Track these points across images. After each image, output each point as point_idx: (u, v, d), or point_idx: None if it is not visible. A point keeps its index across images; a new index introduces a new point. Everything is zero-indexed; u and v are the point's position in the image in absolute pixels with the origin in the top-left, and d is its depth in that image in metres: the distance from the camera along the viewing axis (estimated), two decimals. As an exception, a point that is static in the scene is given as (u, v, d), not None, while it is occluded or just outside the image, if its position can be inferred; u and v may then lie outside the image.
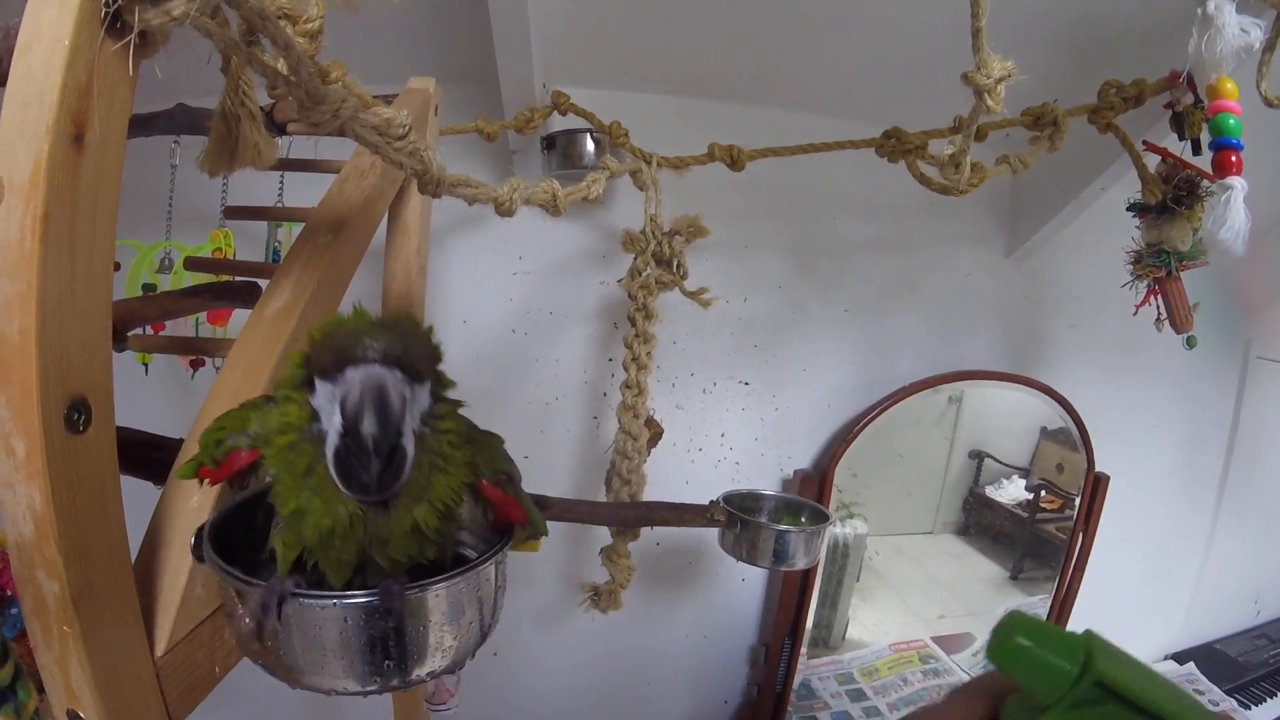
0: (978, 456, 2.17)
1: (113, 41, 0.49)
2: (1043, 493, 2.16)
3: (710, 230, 1.64)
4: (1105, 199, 1.83)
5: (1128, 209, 1.53)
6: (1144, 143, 1.47)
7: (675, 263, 1.68)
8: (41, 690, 0.57)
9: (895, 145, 1.43)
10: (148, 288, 1.49)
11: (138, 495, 0.75)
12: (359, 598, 0.57)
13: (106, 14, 0.48)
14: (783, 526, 1.33)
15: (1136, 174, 1.45)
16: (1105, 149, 1.60)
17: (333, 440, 0.53)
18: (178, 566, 0.69)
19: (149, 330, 1.29)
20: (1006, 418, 2.15)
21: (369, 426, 0.50)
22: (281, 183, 1.45)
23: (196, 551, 0.64)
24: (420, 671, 0.62)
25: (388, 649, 0.59)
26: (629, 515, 1.37)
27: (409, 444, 0.54)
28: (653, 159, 1.61)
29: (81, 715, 0.57)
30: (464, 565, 0.63)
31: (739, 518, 1.34)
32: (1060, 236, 2.05)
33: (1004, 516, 2.18)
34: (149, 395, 1.55)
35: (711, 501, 1.41)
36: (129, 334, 0.96)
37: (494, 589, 0.69)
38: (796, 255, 2.06)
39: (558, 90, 1.67)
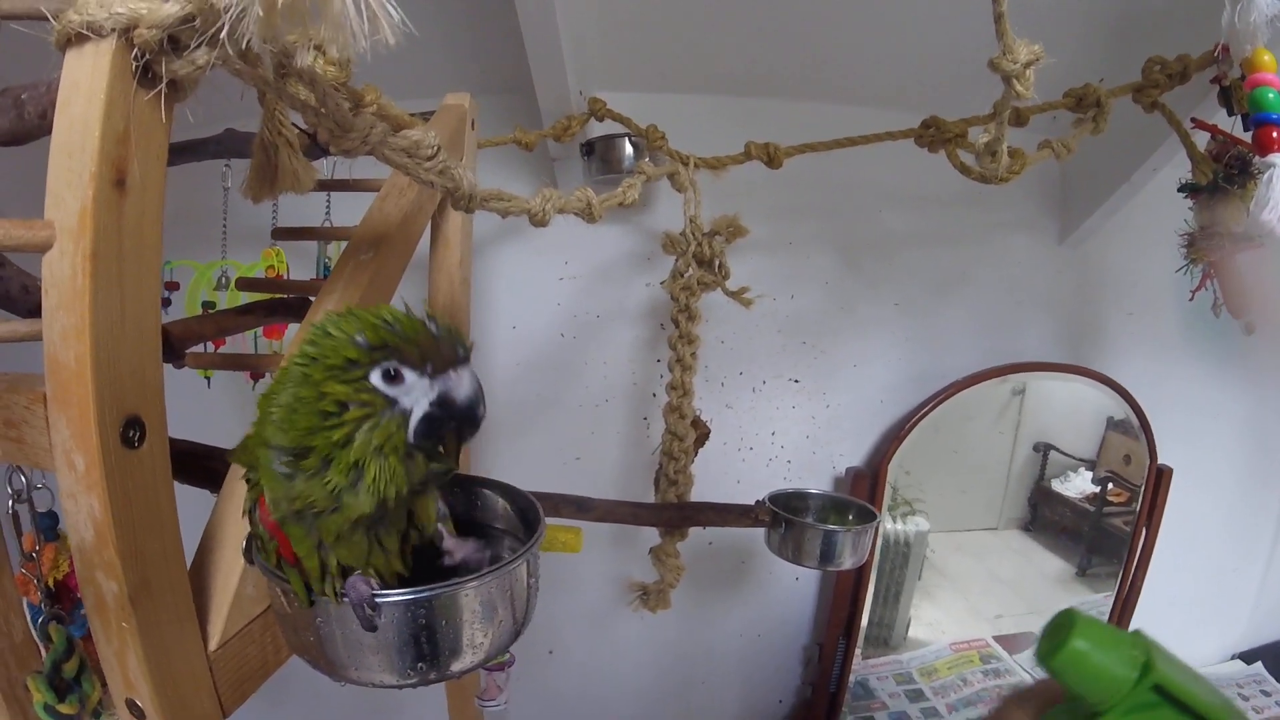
0: (1043, 449, 2.10)
1: (145, 91, 0.54)
2: (1110, 485, 2.08)
3: (750, 230, 1.65)
4: (1157, 180, 1.76)
5: (1179, 190, 1.47)
6: (1192, 120, 1.41)
7: (716, 263, 1.68)
8: (104, 683, 0.62)
9: (934, 134, 1.41)
10: (207, 305, 1.59)
11: (197, 501, 0.82)
12: (401, 595, 0.62)
13: (137, 66, 0.52)
14: (828, 526, 1.32)
15: (1186, 153, 1.39)
16: (1154, 129, 1.53)
17: (420, 414, 0.61)
18: (230, 568, 0.74)
19: (210, 347, 1.37)
20: (1071, 409, 2.07)
21: (483, 407, 0.64)
22: (329, 200, 1.52)
23: (247, 554, 0.70)
24: (455, 667, 0.67)
25: (420, 646, 0.64)
26: (673, 517, 1.38)
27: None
28: (690, 160, 1.62)
29: (139, 704, 0.62)
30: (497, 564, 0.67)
31: (784, 518, 1.34)
32: (1113, 221, 1.97)
33: (1070, 511, 2.11)
34: (211, 406, 1.63)
35: (757, 501, 1.41)
36: (187, 351, 1.03)
37: (525, 587, 0.72)
38: (842, 250, 2.03)
39: (594, 97, 1.70)
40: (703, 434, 1.71)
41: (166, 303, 1.86)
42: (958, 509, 2.09)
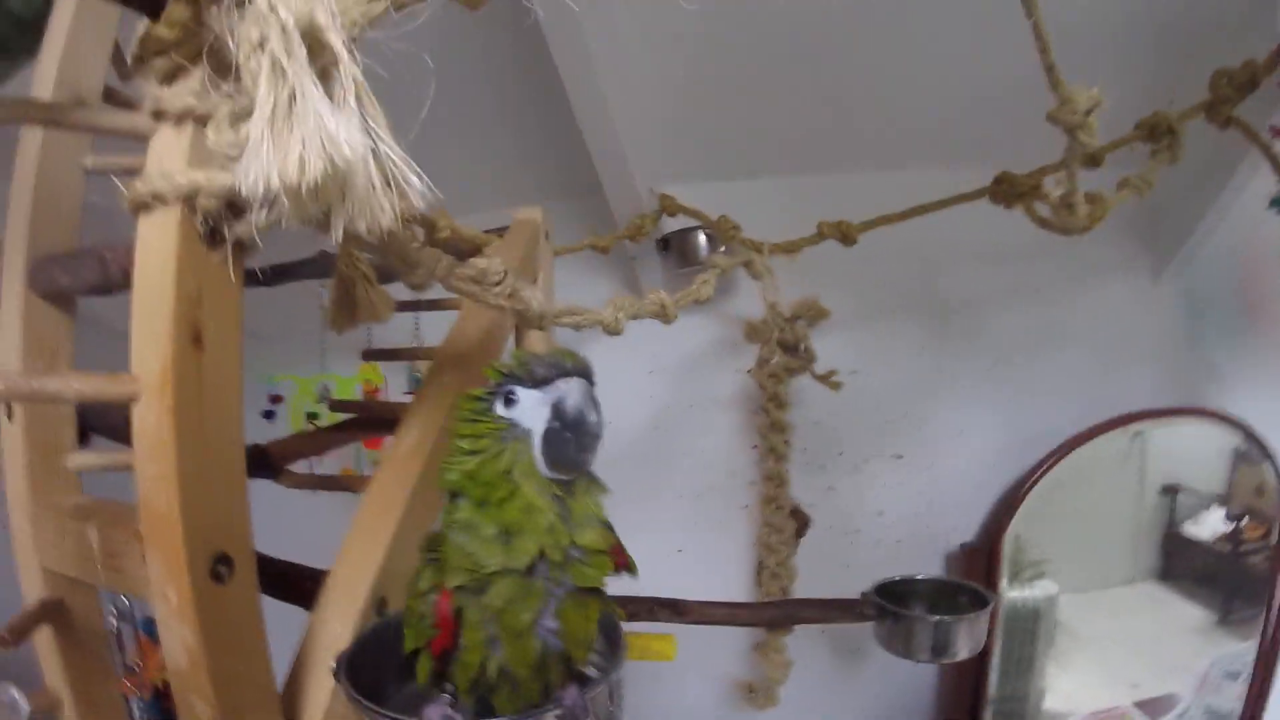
0: (1171, 491, 1.92)
1: (214, 252, 0.59)
2: (1245, 520, 1.87)
3: (830, 310, 1.62)
4: (1245, 200, 1.63)
5: (1270, 206, 1.38)
6: (1271, 129, 1.33)
7: (801, 347, 1.66)
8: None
9: (1007, 190, 1.36)
10: (310, 416, 1.69)
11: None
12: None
13: (204, 230, 0.57)
14: (939, 617, 1.22)
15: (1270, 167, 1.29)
16: (1232, 145, 1.43)
17: (541, 430, 0.63)
18: (322, 686, 0.76)
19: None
20: (1195, 445, 1.89)
21: (594, 415, 0.63)
22: (417, 319, 1.60)
23: (336, 674, 0.71)
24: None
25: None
26: (773, 616, 1.32)
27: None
28: (763, 248, 1.62)
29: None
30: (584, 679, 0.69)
31: (890, 610, 1.25)
32: (1207, 249, 1.82)
33: (1205, 554, 1.91)
34: (317, 511, 1.70)
35: (862, 594, 1.33)
36: (287, 470, 1.08)
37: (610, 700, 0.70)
38: (930, 314, 1.96)
39: (663, 193, 1.75)
40: (803, 523, 1.66)
41: (270, 415, 1.99)
42: (1087, 566, 1.92)
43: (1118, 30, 1.43)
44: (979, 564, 1.80)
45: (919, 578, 1.38)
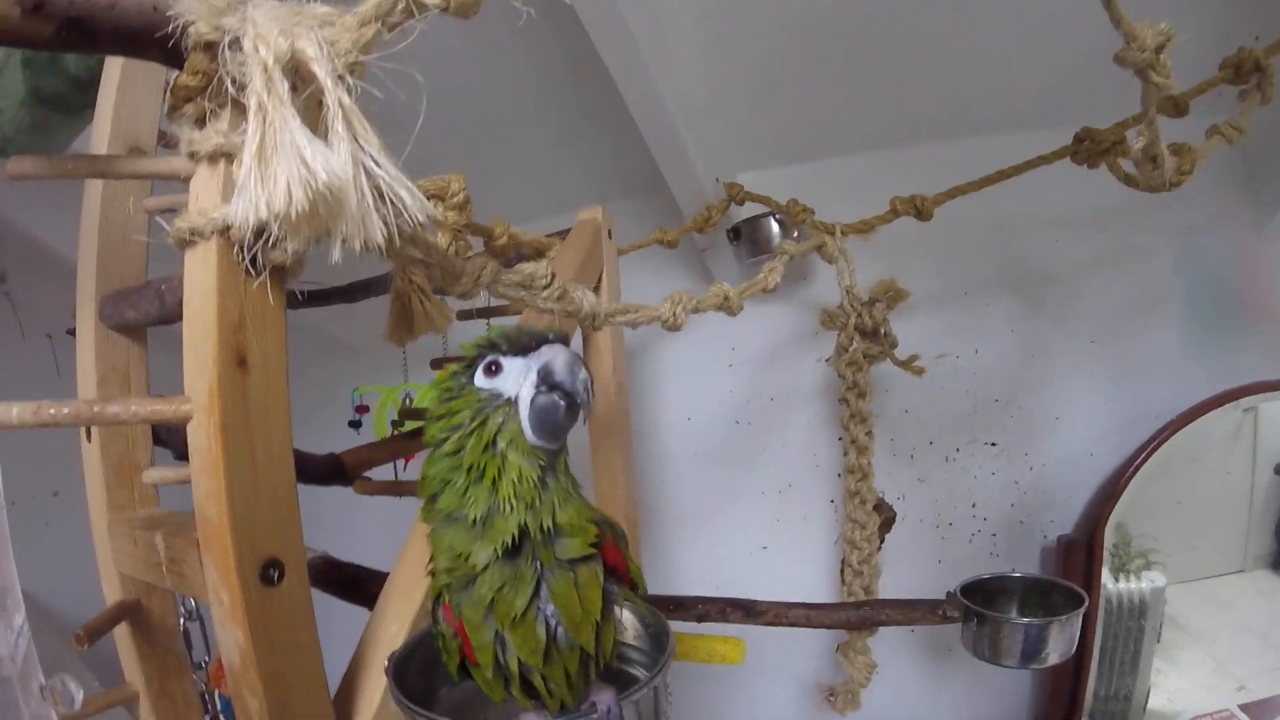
0: None
1: (254, 279, 0.62)
2: None
3: (910, 291, 1.55)
4: None
5: None
6: None
7: (881, 332, 1.59)
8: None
9: (1090, 148, 1.25)
10: (395, 424, 1.76)
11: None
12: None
13: (242, 260, 0.60)
14: (1027, 620, 1.14)
15: None
16: None
17: (528, 396, 0.63)
18: (375, 685, 0.79)
19: (403, 464, 1.50)
20: None
21: (583, 374, 0.63)
22: (489, 324, 1.64)
23: (388, 672, 0.74)
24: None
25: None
26: (850, 617, 1.27)
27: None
28: (835, 229, 1.56)
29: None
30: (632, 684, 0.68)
31: (976, 612, 1.18)
32: None
33: None
34: (390, 516, 1.76)
35: (948, 594, 1.26)
36: (363, 476, 1.13)
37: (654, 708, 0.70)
38: (1021, 290, 1.84)
39: (730, 182, 1.71)
40: (887, 519, 1.59)
41: (357, 425, 2.11)
42: (1196, 555, 1.78)
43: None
44: (1078, 557, 1.68)
45: (1011, 575, 1.30)
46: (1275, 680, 1.72)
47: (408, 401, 1.76)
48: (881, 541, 1.56)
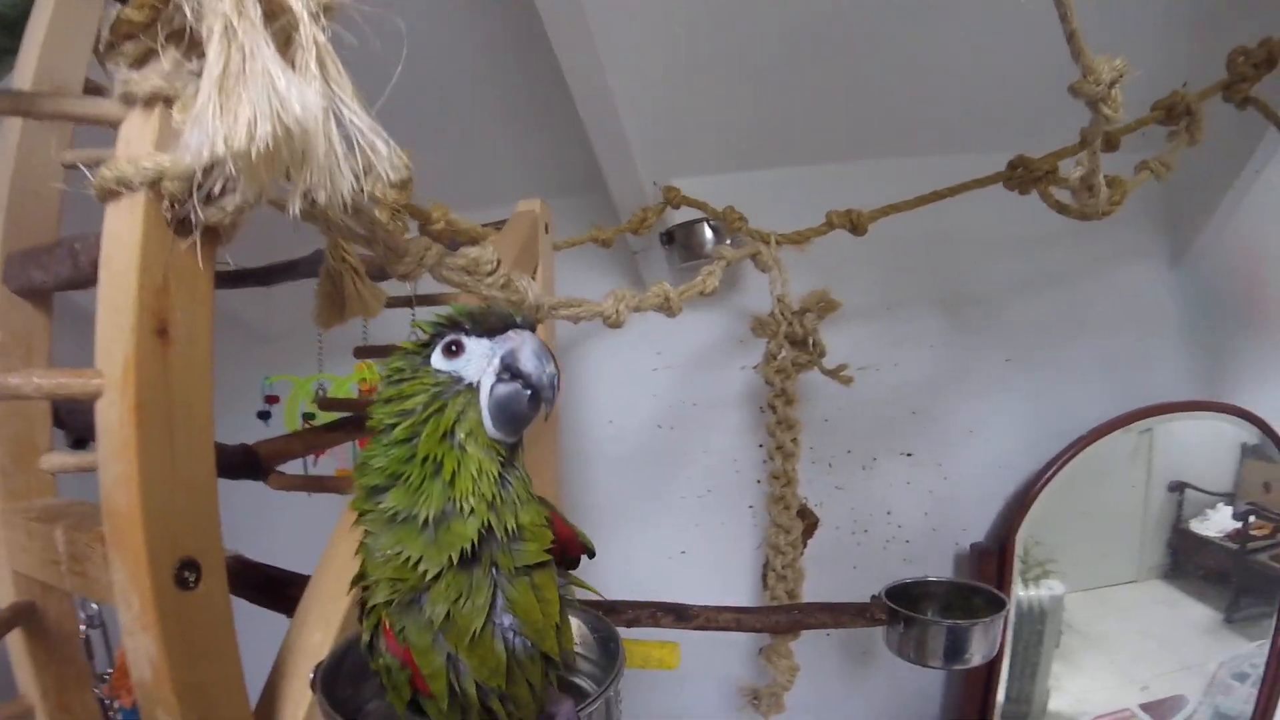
0: (1178, 488, 1.88)
1: (182, 240, 0.55)
2: (1251, 519, 1.83)
3: (842, 302, 1.58)
4: (1264, 182, 1.58)
5: None
6: None
7: (810, 341, 1.61)
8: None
9: (1023, 175, 1.31)
10: (307, 416, 1.65)
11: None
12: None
13: (171, 216, 0.53)
14: (952, 621, 1.17)
15: None
16: (1249, 126, 1.40)
17: (489, 383, 0.57)
18: (299, 699, 0.72)
19: (314, 459, 1.40)
20: (1203, 440, 1.87)
21: (551, 366, 0.57)
22: (414, 314, 1.56)
23: (314, 685, 0.68)
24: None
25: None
26: (780, 621, 1.27)
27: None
28: (770, 239, 1.58)
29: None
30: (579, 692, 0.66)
31: (903, 614, 1.21)
32: (1226, 234, 1.77)
33: (1212, 551, 1.88)
34: (309, 514, 1.67)
35: (873, 597, 1.28)
36: (277, 469, 1.05)
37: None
38: (944, 308, 1.91)
39: (668, 185, 1.70)
40: (811, 524, 1.61)
41: (266, 416, 1.97)
42: (1093, 565, 1.89)
43: (1129, 8, 1.39)
44: (990, 567, 1.75)
45: (932, 580, 1.34)
46: (1173, 683, 1.85)
47: (321, 392, 1.65)
48: (804, 546, 1.58)
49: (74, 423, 0.81)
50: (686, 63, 1.56)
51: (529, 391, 0.56)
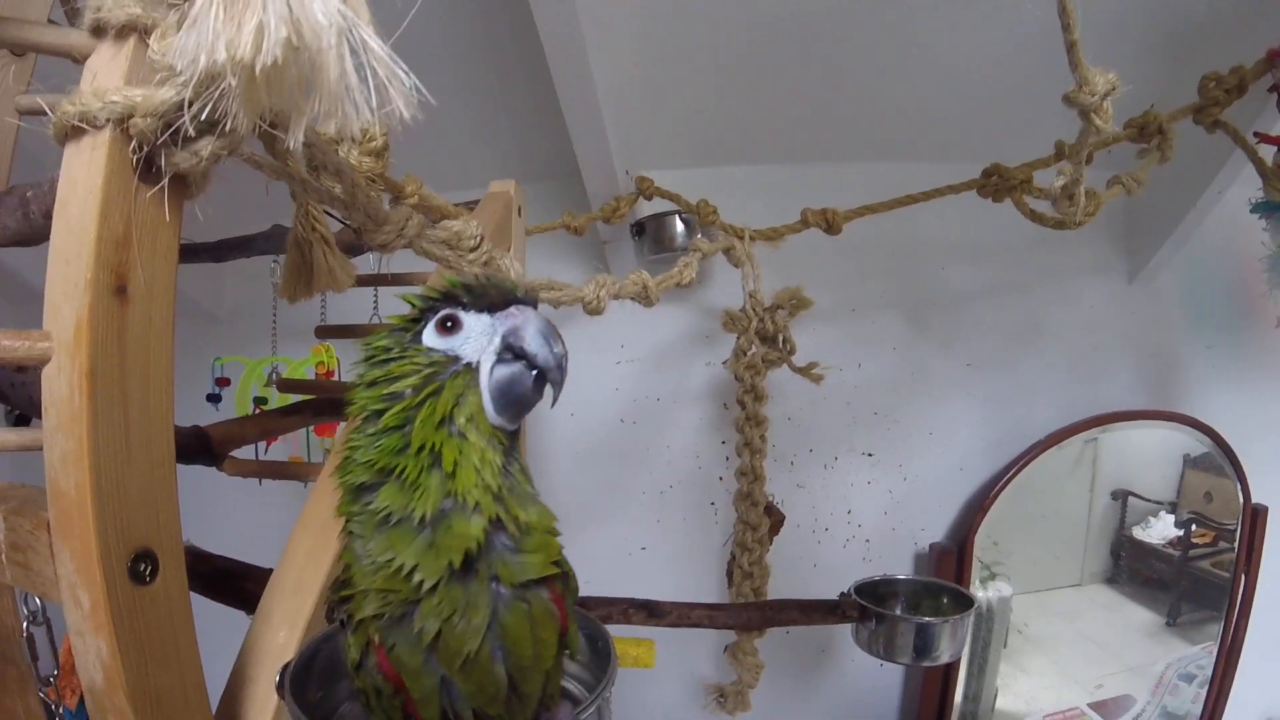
0: (1121, 496, 1.95)
1: (148, 187, 0.49)
2: (1193, 527, 1.90)
3: (814, 300, 1.56)
4: (1224, 203, 1.64)
5: (1252, 210, 1.36)
6: (1255, 134, 1.33)
7: (781, 338, 1.60)
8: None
9: (998, 183, 1.33)
10: (258, 400, 1.56)
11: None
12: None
13: (138, 160, 0.47)
14: (922, 618, 1.17)
15: (1255, 170, 1.30)
16: (1214, 149, 1.45)
17: (489, 364, 0.51)
18: (263, 704, 0.67)
19: (264, 447, 1.32)
20: (1146, 449, 1.93)
21: (559, 346, 0.51)
22: (375, 294, 1.49)
23: (281, 689, 0.62)
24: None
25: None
26: (753, 618, 1.25)
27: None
28: (745, 234, 1.56)
29: None
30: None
31: (874, 611, 1.20)
32: (1184, 252, 1.84)
33: (1154, 558, 1.95)
34: (265, 504, 1.59)
35: (842, 594, 1.27)
36: (231, 455, 0.98)
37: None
38: (908, 312, 1.93)
39: (641, 176, 1.67)
40: (777, 521, 1.59)
41: (217, 398, 1.86)
42: (1039, 568, 1.94)
43: (1106, 32, 1.41)
44: (949, 567, 1.77)
45: (899, 578, 1.34)
46: (1119, 685, 1.90)
47: (274, 375, 1.56)
48: (770, 544, 1.56)
49: (16, 396, 0.73)
50: (665, 54, 1.54)
51: (533, 373, 0.51)
